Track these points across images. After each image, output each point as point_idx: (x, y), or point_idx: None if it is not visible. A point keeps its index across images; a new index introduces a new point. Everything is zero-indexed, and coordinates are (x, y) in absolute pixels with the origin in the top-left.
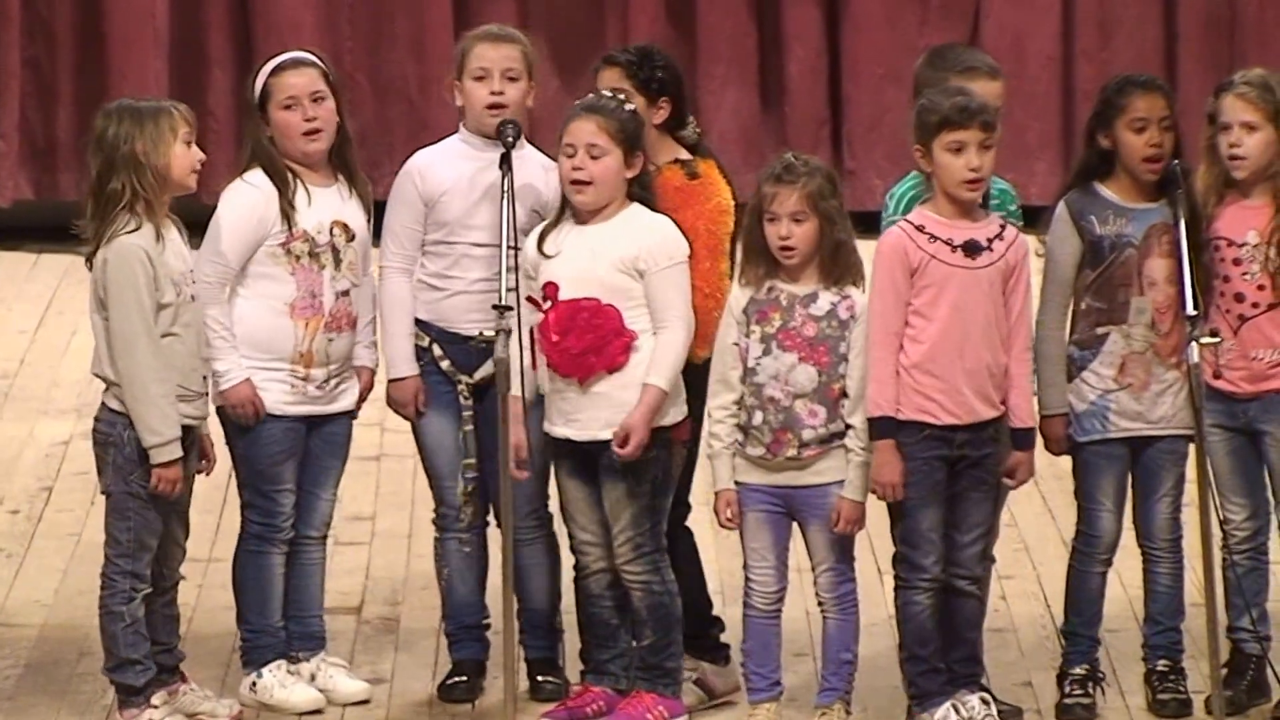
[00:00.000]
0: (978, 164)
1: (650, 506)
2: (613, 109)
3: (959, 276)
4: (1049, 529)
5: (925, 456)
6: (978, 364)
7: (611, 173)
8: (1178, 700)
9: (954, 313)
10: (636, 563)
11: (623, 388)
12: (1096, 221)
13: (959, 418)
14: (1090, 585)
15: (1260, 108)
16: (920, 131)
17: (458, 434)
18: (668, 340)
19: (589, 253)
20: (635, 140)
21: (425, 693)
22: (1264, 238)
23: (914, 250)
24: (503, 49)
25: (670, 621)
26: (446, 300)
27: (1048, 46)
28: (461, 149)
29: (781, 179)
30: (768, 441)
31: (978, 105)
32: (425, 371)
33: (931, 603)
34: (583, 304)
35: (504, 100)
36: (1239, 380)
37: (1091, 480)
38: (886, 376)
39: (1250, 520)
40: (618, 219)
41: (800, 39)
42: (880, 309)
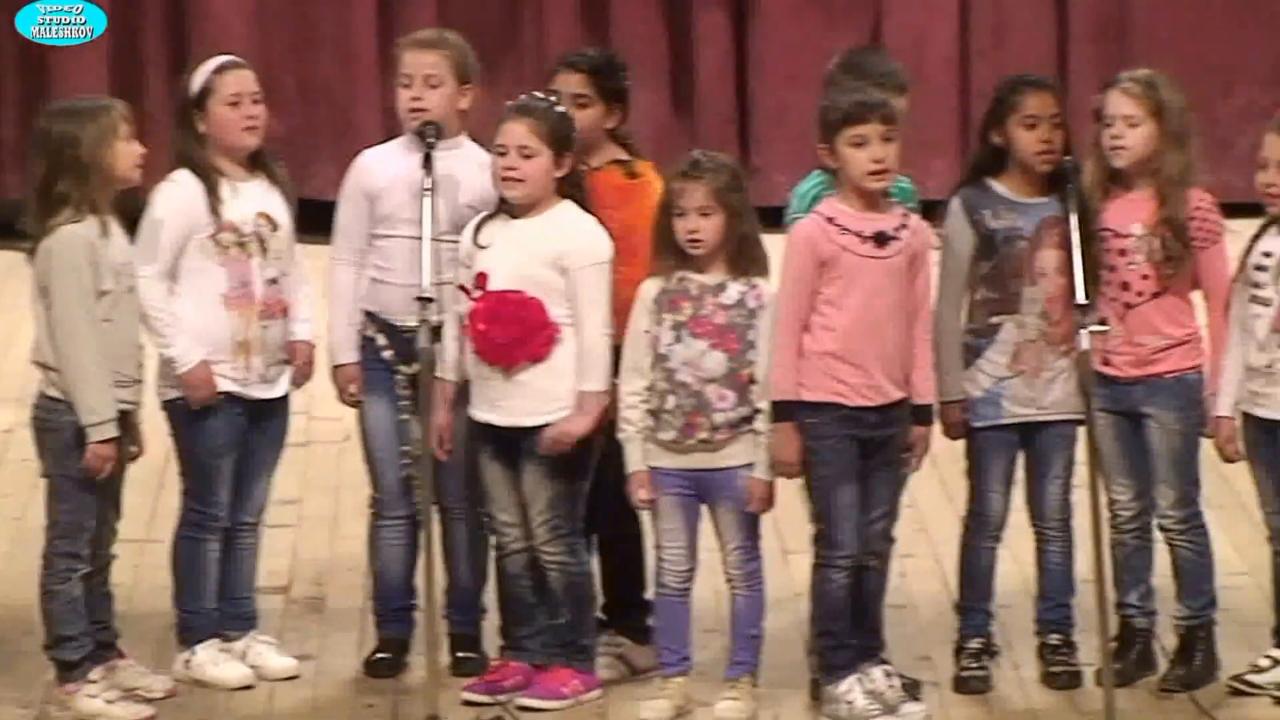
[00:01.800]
0: (881, 155)
1: (568, 490)
2: (544, 111)
3: (869, 266)
4: (946, 509)
5: (839, 435)
6: (888, 348)
7: (541, 172)
8: (1069, 672)
9: (865, 301)
10: (554, 544)
11: (546, 377)
12: (989, 215)
13: (871, 400)
14: (981, 562)
15: (1142, 102)
16: (824, 130)
17: (396, 422)
18: (589, 342)
19: (517, 246)
20: (565, 141)
21: (351, 669)
22: (1148, 229)
23: (825, 242)
24: (424, 55)
25: (586, 600)
26: (386, 291)
27: (945, 47)
28: (401, 148)
29: (689, 174)
30: (680, 425)
31: (877, 100)
32: (369, 361)
33: (848, 581)
34: (509, 296)
35: (423, 105)
36: (1124, 365)
37: (983, 463)
38: (789, 362)
39: (1136, 500)
40: (547, 215)
41: (709, 41)
42: (787, 297)
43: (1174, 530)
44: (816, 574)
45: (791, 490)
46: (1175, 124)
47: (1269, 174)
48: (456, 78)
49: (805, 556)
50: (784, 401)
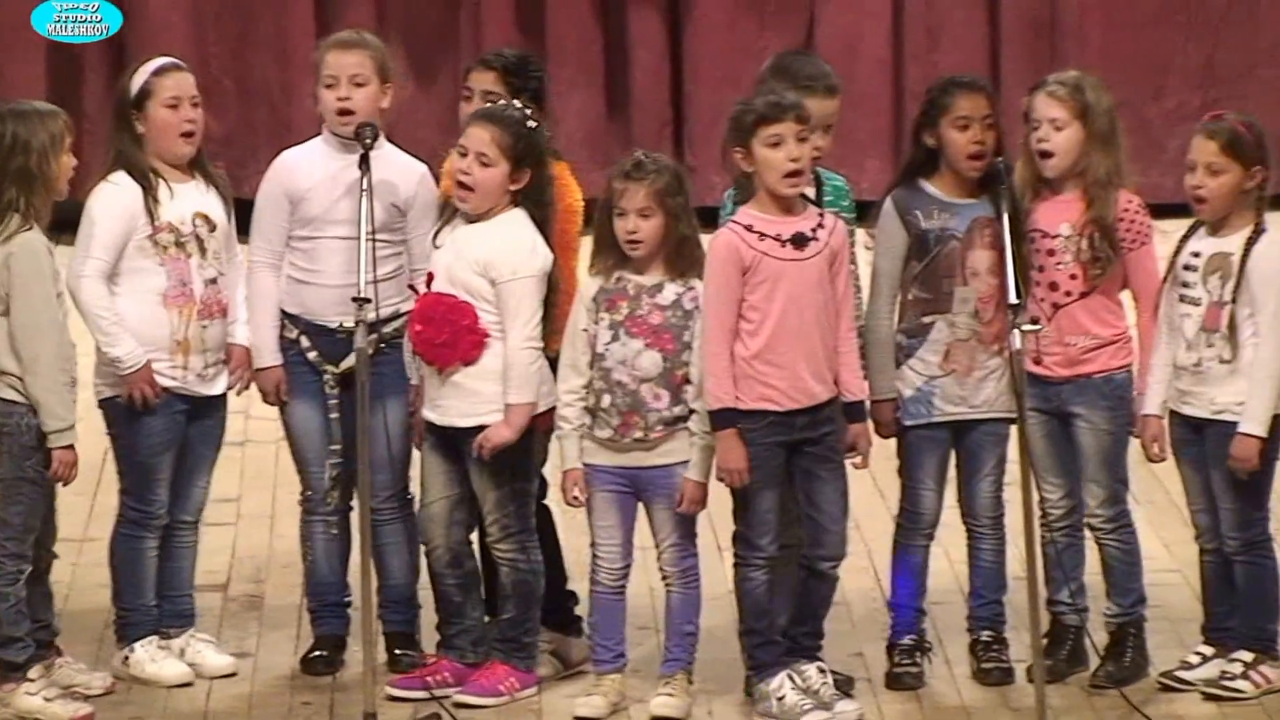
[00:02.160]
0: (797, 154)
1: (515, 490)
2: (511, 122)
3: (791, 269)
4: (878, 507)
5: (766, 442)
6: (814, 349)
7: (495, 183)
8: (1000, 669)
9: (789, 304)
10: (504, 542)
11: (477, 379)
12: (922, 216)
13: (799, 402)
14: (914, 559)
15: (1069, 106)
16: (738, 134)
17: (324, 421)
18: (510, 355)
19: (459, 252)
20: (525, 155)
21: (288, 666)
22: (1076, 230)
23: (746, 250)
24: (350, 56)
25: (532, 599)
26: (312, 293)
27: (878, 49)
28: (324, 149)
29: (631, 176)
30: (616, 424)
31: (791, 100)
32: (293, 362)
33: (768, 579)
34: (444, 298)
35: (351, 105)
36: (1054, 365)
37: (916, 461)
38: (723, 371)
39: (1066, 499)
40: (492, 222)
41: (644, 43)
42: (714, 308)
43: (1102, 529)
44: (736, 574)
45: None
46: (1102, 126)
47: (1197, 176)
48: (379, 77)
49: None
50: (723, 410)
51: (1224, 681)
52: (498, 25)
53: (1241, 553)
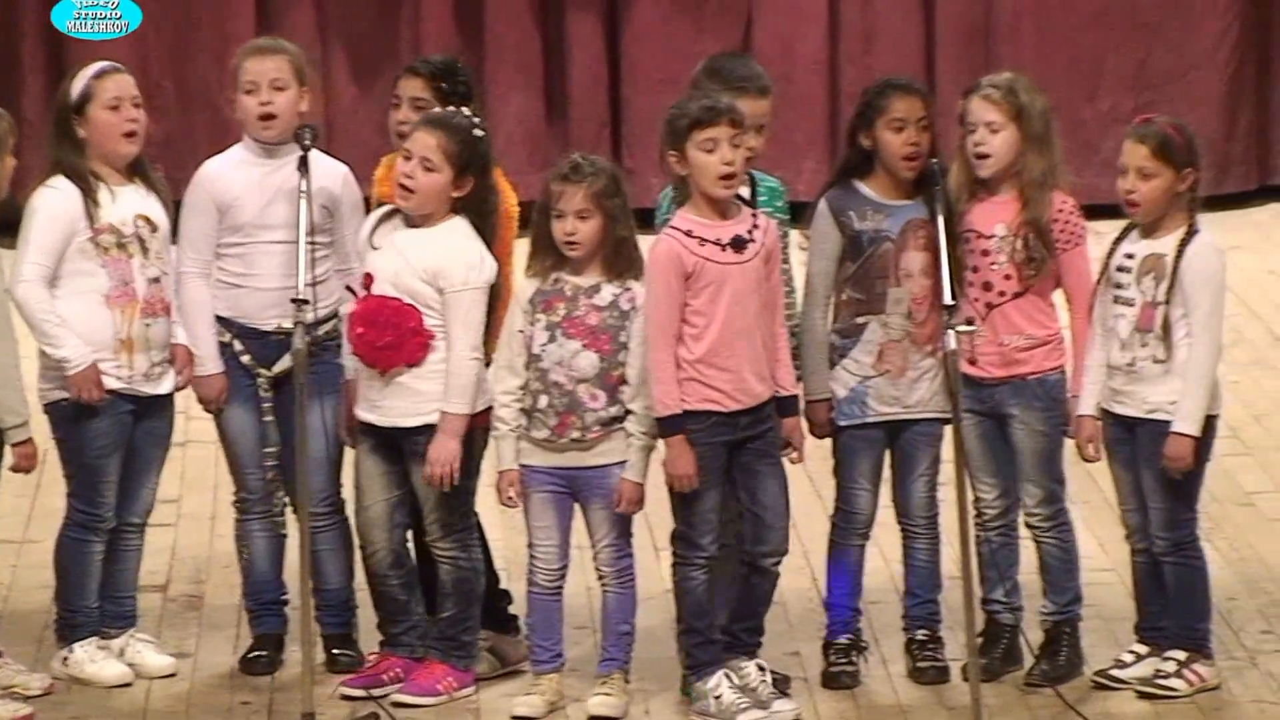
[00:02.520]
0: (731, 158)
1: (456, 487)
2: (457, 128)
3: (732, 272)
4: (815, 507)
5: (710, 442)
6: (756, 349)
7: (437, 188)
8: (936, 668)
9: (732, 306)
10: (445, 540)
11: (422, 380)
12: (855, 217)
13: (743, 403)
14: (849, 559)
15: (1004, 109)
16: (673, 137)
17: (258, 424)
18: (455, 363)
19: (401, 254)
20: (469, 164)
21: (227, 666)
22: (1011, 230)
23: (687, 256)
24: (269, 61)
25: (472, 597)
26: (247, 297)
27: (814, 52)
28: (246, 156)
29: (569, 178)
30: (553, 424)
31: (725, 104)
32: (226, 366)
33: (707, 578)
34: (389, 302)
35: (273, 110)
36: (988, 366)
37: (850, 461)
38: (669, 377)
39: (1001, 499)
40: (436, 230)
41: (582, 46)
42: (657, 314)
43: (1041, 527)
44: (676, 573)
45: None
46: (1037, 127)
47: (1128, 180)
48: (298, 81)
49: None
50: (672, 415)
51: (1158, 680)
52: (436, 28)
53: (1170, 553)
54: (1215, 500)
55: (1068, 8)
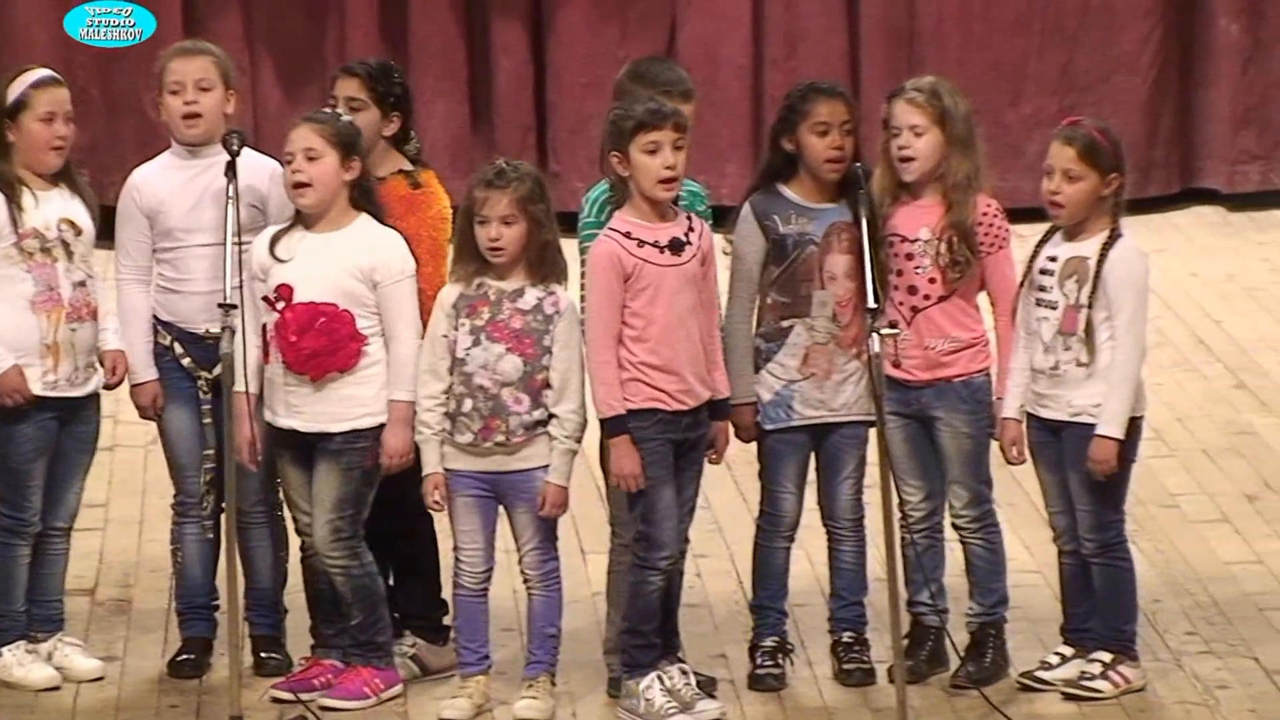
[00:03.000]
0: (673, 162)
1: (354, 494)
2: (327, 117)
3: (671, 274)
4: (740, 510)
5: (660, 438)
6: (695, 351)
7: (329, 174)
8: (862, 670)
9: (671, 308)
10: (334, 547)
11: (352, 385)
12: (779, 221)
13: (685, 404)
14: (775, 561)
15: (927, 112)
16: (616, 138)
17: (198, 426)
18: (402, 352)
19: (327, 259)
20: (350, 145)
21: (155, 670)
22: (935, 234)
23: (627, 257)
24: (194, 61)
25: (374, 599)
26: (182, 301)
27: (738, 55)
28: (174, 161)
29: (493, 184)
30: (477, 429)
31: (669, 108)
32: (167, 369)
33: (665, 583)
34: (322, 308)
35: (198, 110)
36: (913, 369)
37: (775, 464)
38: (611, 379)
39: (926, 501)
40: (350, 229)
41: (507, 51)
42: (598, 316)
43: (967, 529)
44: (634, 574)
45: (589, 491)
46: (960, 130)
47: (1054, 181)
48: (223, 83)
49: (603, 556)
50: (615, 417)
51: (1083, 682)
52: (362, 34)
53: (1098, 555)
54: (1140, 502)
55: (991, 12)
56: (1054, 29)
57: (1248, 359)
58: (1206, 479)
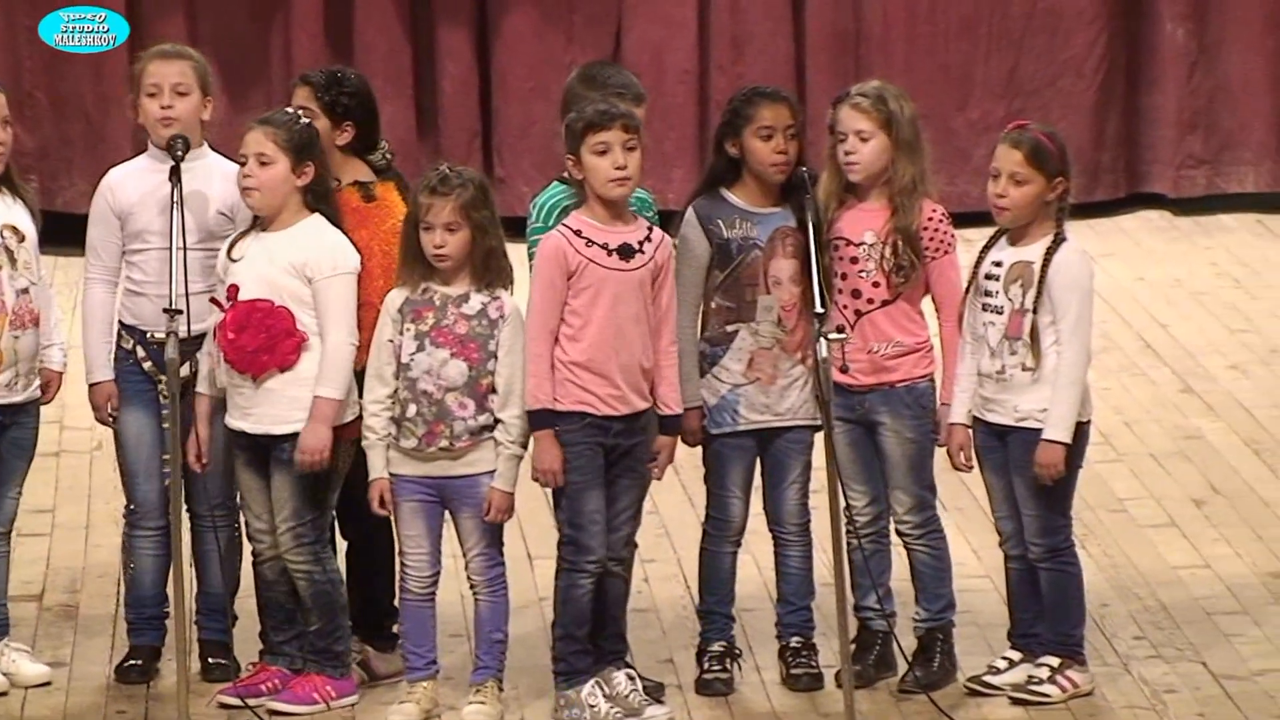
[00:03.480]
0: (623, 162)
1: (315, 499)
2: (283, 121)
3: (615, 278)
4: (688, 515)
5: (587, 442)
6: (631, 360)
7: (278, 179)
8: (810, 674)
9: (610, 312)
10: (298, 551)
11: (294, 385)
12: (724, 225)
13: (616, 410)
14: (722, 566)
15: (873, 117)
16: (570, 141)
17: (157, 432)
18: (331, 349)
19: (265, 258)
20: (304, 150)
21: (103, 675)
22: (880, 237)
23: (572, 254)
24: (173, 65)
25: (335, 607)
26: (146, 304)
27: (684, 61)
28: (149, 163)
29: (436, 190)
30: (421, 434)
31: (620, 109)
32: (129, 373)
33: (593, 586)
34: (258, 304)
35: (174, 114)
36: (858, 373)
37: (722, 469)
38: (543, 372)
39: (871, 505)
40: (296, 228)
41: (452, 56)
42: (538, 309)
43: (912, 535)
44: (563, 579)
45: (536, 495)
46: (906, 134)
47: (1000, 185)
48: (201, 88)
49: (549, 561)
50: (541, 410)
51: (1031, 686)
52: (307, 38)
53: (1045, 559)
54: (1088, 507)
55: (937, 17)
56: (1000, 33)
57: (1195, 363)
58: (1154, 483)
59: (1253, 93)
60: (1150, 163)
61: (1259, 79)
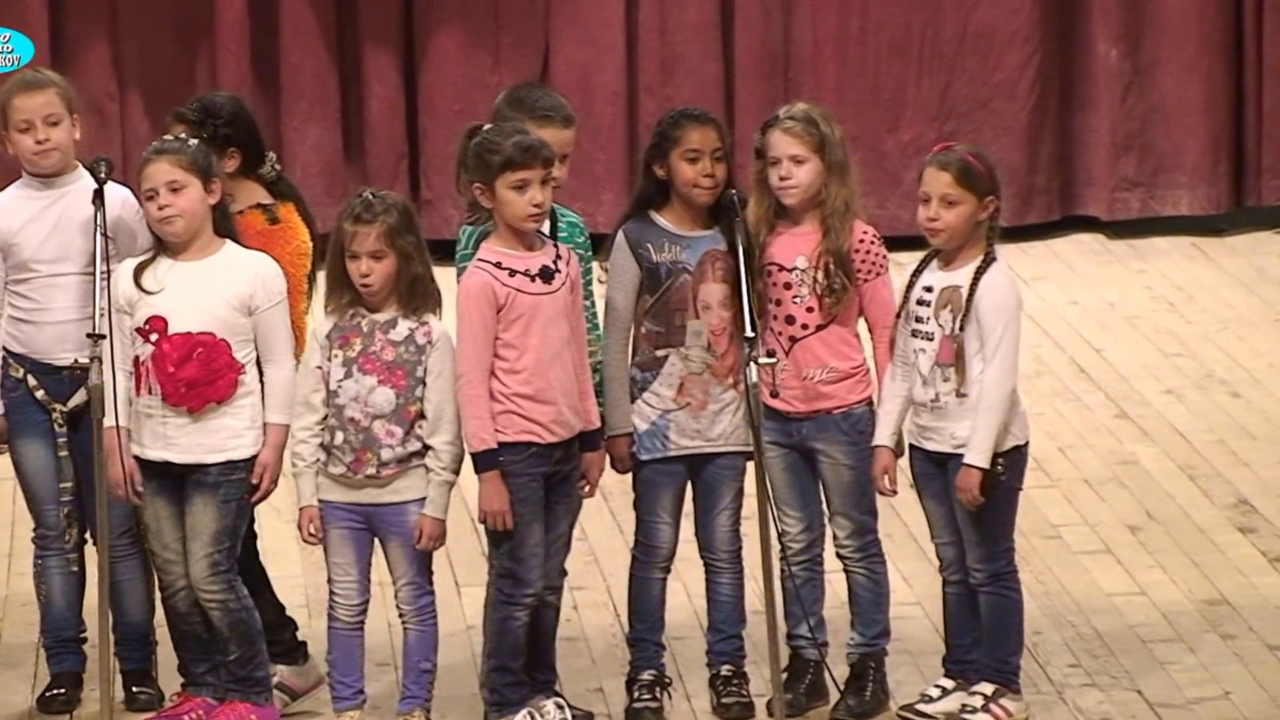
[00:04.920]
0: (540, 199)
1: (231, 527)
2: (178, 147)
3: (543, 303)
4: (617, 541)
5: (531, 474)
6: (569, 380)
7: (195, 202)
8: (741, 703)
9: (544, 338)
10: (212, 580)
11: (228, 415)
12: (653, 249)
13: (560, 435)
14: (651, 593)
15: (806, 141)
16: (482, 170)
17: (54, 459)
18: (279, 376)
19: (204, 290)
20: (209, 169)
21: (25, 705)
22: (812, 261)
23: (499, 288)
24: (38, 97)
25: (252, 634)
26: (39, 332)
27: (612, 82)
28: (27, 191)
29: (360, 218)
30: (349, 460)
31: (538, 143)
32: (21, 402)
33: (529, 618)
34: (200, 338)
35: (52, 145)
36: (793, 400)
37: (651, 495)
38: (483, 413)
39: (805, 533)
40: (219, 257)
41: (379, 77)
42: (470, 347)
43: (851, 559)
44: (498, 610)
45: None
46: (838, 156)
47: (931, 208)
48: (69, 112)
49: (478, 589)
50: (486, 451)
51: (964, 714)
52: (233, 60)
53: (987, 584)
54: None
55: (868, 38)
56: (932, 55)
57: (1129, 388)
58: (1088, 509)
59: (1187, 114)
60: (1084, 185)
61: (1193, 101)
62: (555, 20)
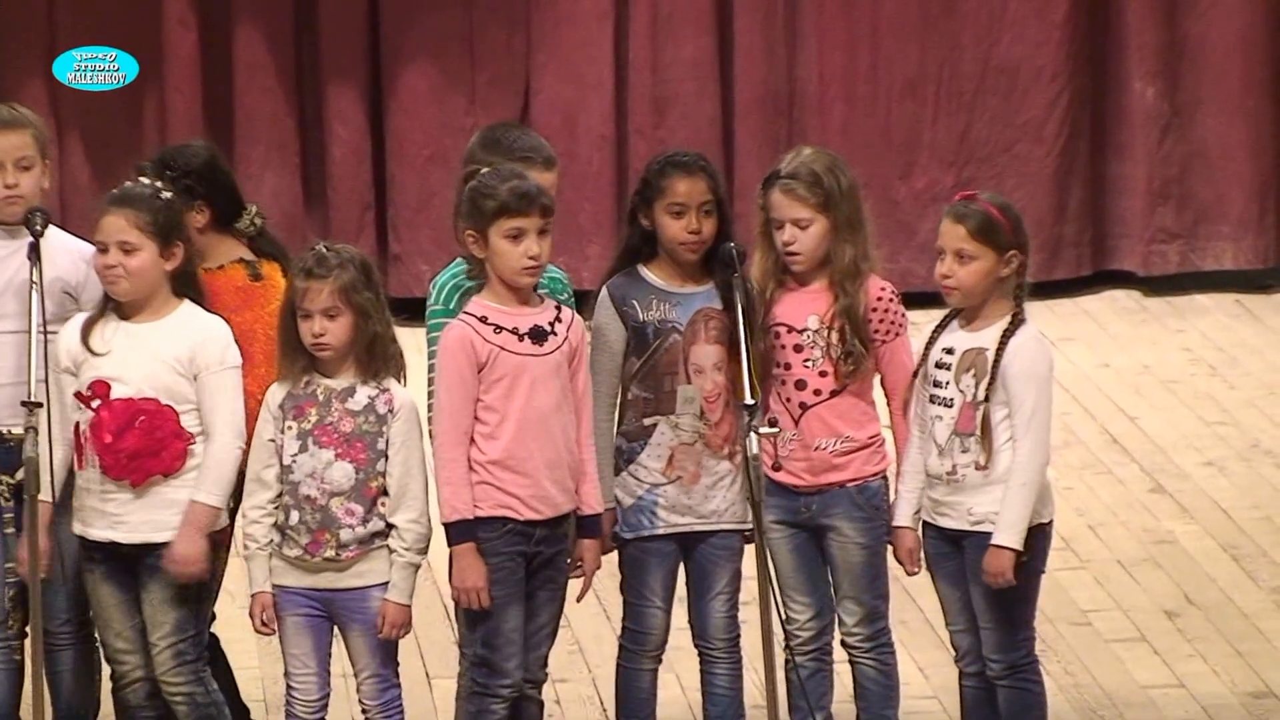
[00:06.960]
0: (537, 251)
1: (194, 613)
2: (145, 199)
3: (530, 365)
4: (604, 628)
5: (508, 552)
6: (557, 454)
7: (147, 266)
8: None
9: (529, 403)
10: (178, 671)
11: (176, 489)
12: (640, 306)
13: (541, 513)
14: (640, 684)
15: (810, 202)
16: (475, 217)
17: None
18: (217, 451)
19: (148, 353)
20: (171, 231)
21: None
22: (824, 322)
23: (481, 344)
24: (13, 137)
25: None
26: None
27: (600, 125)
28: None
29: (313, 273)
30: (305, 542)
31: (536, 189)
32: None
33: (507, 711)
34: (143, 405)
35: (20, 192)
36: (801, 472)
37: (639, 576)
38: (460, 479)
39: (814, 620)
40: (171, 318)
41: (342, 119)
42: (448, 408)
43: (860, 648)
44: (473, 703)
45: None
46: (846, 212)
47: (945, 264)
48: (42, 157)
49: (451, 682)
50: (460, 522)
51: None
52: (184, 101)
53: (1005, 676)
54: (1047, 620)
55: (878, 76)
56: (950, 93)
57: (1166, 460)
58: (1121, 593)
59: (1231, 160)
60: (1117, 237)
61: (1238, 144)
62: (537, 57)
